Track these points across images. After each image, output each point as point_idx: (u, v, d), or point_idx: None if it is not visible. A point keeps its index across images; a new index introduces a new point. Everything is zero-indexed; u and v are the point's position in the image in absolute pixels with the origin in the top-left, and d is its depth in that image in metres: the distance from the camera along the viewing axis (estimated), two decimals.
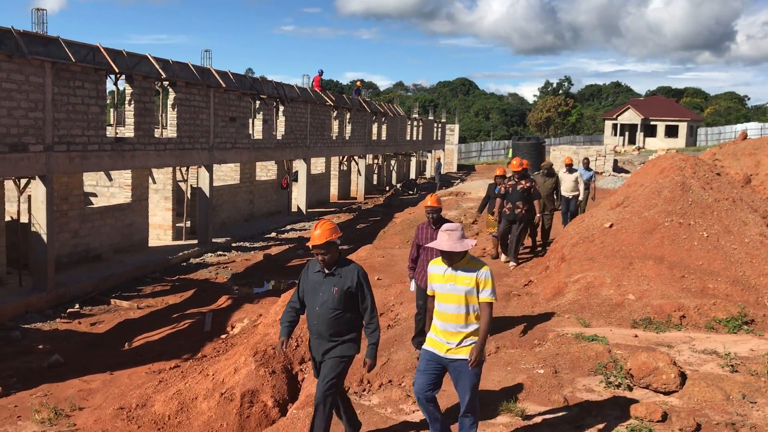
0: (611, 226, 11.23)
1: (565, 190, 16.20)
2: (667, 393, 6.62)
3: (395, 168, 48.27)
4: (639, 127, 69.83)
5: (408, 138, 48.72)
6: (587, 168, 18.48)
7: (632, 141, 69.59)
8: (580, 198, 16.67)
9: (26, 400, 9.56)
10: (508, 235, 12.91)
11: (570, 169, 16.56)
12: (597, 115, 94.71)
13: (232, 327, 13.17)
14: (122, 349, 12.20)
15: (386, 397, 7.19)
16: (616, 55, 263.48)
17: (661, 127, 69.92)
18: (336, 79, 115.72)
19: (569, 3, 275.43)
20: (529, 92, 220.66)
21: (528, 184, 12.49)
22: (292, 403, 8.02)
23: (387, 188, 43.26)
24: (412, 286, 8.51)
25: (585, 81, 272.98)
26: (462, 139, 77.00)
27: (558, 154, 41.46)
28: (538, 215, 12.77)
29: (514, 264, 12.91)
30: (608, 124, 73.20)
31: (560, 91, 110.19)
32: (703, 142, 71.20)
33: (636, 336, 8.26)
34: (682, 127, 69.30)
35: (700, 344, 7.90)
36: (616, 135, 70.56)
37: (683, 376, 6.76)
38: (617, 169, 43.63)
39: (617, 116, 71.55)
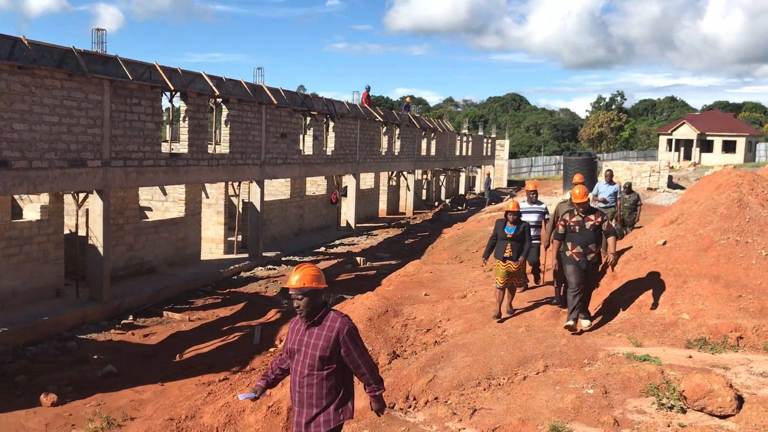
0: (665, 243, 10.97)
1: None
2: (722, 417, 6.40)
3: (444, 183, 48.18)
4: (695, 142, 68.25)
5: (457, 153, 48.60)
6: (610, 182, 15.50)
7: (688, 156, 68.02)
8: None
9: (80, 409, 9.82)
10: (579, 287, 9.44)
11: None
12: (651, 131, 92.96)
13: (281, 341, 13.28)
14: (173, 360, 12.42)
15: (432, 415, 7.14)
16: (671, 69, 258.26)
17: (717, 143, 68.21)
18: (386, 95, 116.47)
19: (621, 16, 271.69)
20: (581, 107, 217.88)
21: (599, 219, 9.51)
22: None
23: (436, 204, 43.18)
24: (242, 396, 5.34)
25: (639, 96, 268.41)
26: (512, 155, 76.47)
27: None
28: (612, 254, 9.50)
29: (588, 323, 9.55)
30: (663, 139, 71.75)
31: (613, 106, 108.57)
32: (763, 158, 69.13)
33: (690, 357, 8.02)
34: (740, 143, 67.47)
35: (759, 366, 7.63)
36: (670, 150, 69.10)
37: (740, 400, 6.53)
38: (672, 185, 42.63)
39: (672, 131, 70.10)
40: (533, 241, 11.21)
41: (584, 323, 9.41)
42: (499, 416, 6.81)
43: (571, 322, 9.33)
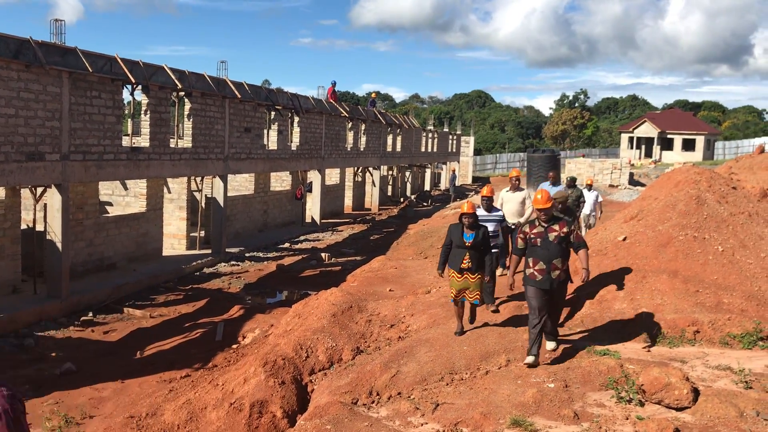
0: (625, 239, 11.13)
1: (509, 214, 11.76)
2: (679, 409, 6.53)
3: (410, 179, 48.28)
4: (655, 140, 69.47)
5: (423, 150, 48.74)
6: (554, 183, 14.09)
7: (649, 154, 69.22)
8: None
9: (37, 408, 9.61)
10: (542, 312, 7.99)
11: (516, 185, 12.08)
12: (613, 128, 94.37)
13: (244, 337, 13.19)
14: (134, 357, 12.24)
15: (395, 410, 7.15)
16: (633, 68, 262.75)
17: (677, 141, 69.52)
18: (352, 90, 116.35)
19: (584, 15, 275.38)
20: (545, 105, 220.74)
21: (565, 230, 7.99)
22: (301, 414, 8.00)
23: (401, 200, 43.26)
24: None
25: (601, 94, 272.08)
26: (477, 152, 76.94)
27: (573, 167, 41.30)
28: (585, 269, 8.11)
29: (554, 345, 8.15)
30: (624, 137, 72.87)
31: (576, 104, 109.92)
32: (721, 156, 70.67)
33: (648, 351, 8.16)
34: (699, 141, 68.87)
35: (714, 360, 7.80)
36: (632, 148, 70.22)
37: (696, 392, 6.66)
38: (633, 182, 43.37)
39: (634, 129, 71.23)
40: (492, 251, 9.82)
41: (549, 345, 8.11)
42: (462, 410, 6.85)
43: (531, 359, 7.79)
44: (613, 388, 7.00)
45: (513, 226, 11.72)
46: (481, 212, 10.26)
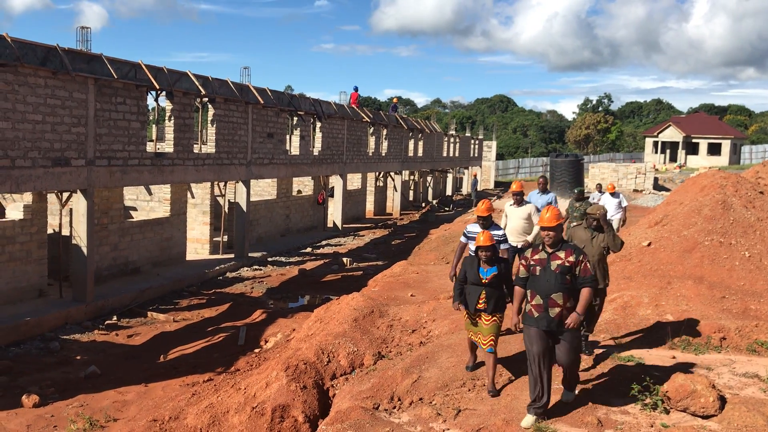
0: (649, 244, 11.03)
1: (512, 232, 10.42)
2: (705, 417, 6.43)
3: (431, 184, 48.22)
4: (681, 144, 68.72)
5: (445, 154, 48.67)
6: (544, 191, 12.47)
7: (674, 159, 68.49)
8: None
9: (63, 411, 9.72)
10: (543, 361, 6.56)
11: (519, 199, 10.60)
12: (637, 133, 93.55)
13: (266, 341, 13.23)
14: (157, 361, 12.34)
15: (416, 415, 7.13)
16: (657, 72, 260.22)
17: (703, 145, 68.71)
18: (374, 96, 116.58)
19: (607, 19, 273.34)
20: (569, 109, 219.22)
21: (571, 259, 6.55)
22: (323, 419, 7.99)
23: (423, 204, 43.22)
24: None
25: (625, 98, 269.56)
26: (499, 156, 76.68)
27: (597, 171, 40.98)
28: (577, 313, 6.50)
29: (571, 397, 6.94)
30: (649, 141, 72.20)
31: (600, 108, 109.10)
32: (748, 160, 69.73)
33: (674, 357, 8.06)
34: (725, 145, 68.01)
35: (741, 367, 7.68)
36: (657, 152, 69.53)
37: (723, 400, 6.56)
38: (657, 186, 42.93)
39: (658, 133, 70.54)
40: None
41: (566, 396, 6.91)
42: (484, 417, 6.81)
43: (529, 420, 6.52)
44: (638, 395, 6.91)
45: (519, 246, 10.17)
46: (477, 229, 8.80)
